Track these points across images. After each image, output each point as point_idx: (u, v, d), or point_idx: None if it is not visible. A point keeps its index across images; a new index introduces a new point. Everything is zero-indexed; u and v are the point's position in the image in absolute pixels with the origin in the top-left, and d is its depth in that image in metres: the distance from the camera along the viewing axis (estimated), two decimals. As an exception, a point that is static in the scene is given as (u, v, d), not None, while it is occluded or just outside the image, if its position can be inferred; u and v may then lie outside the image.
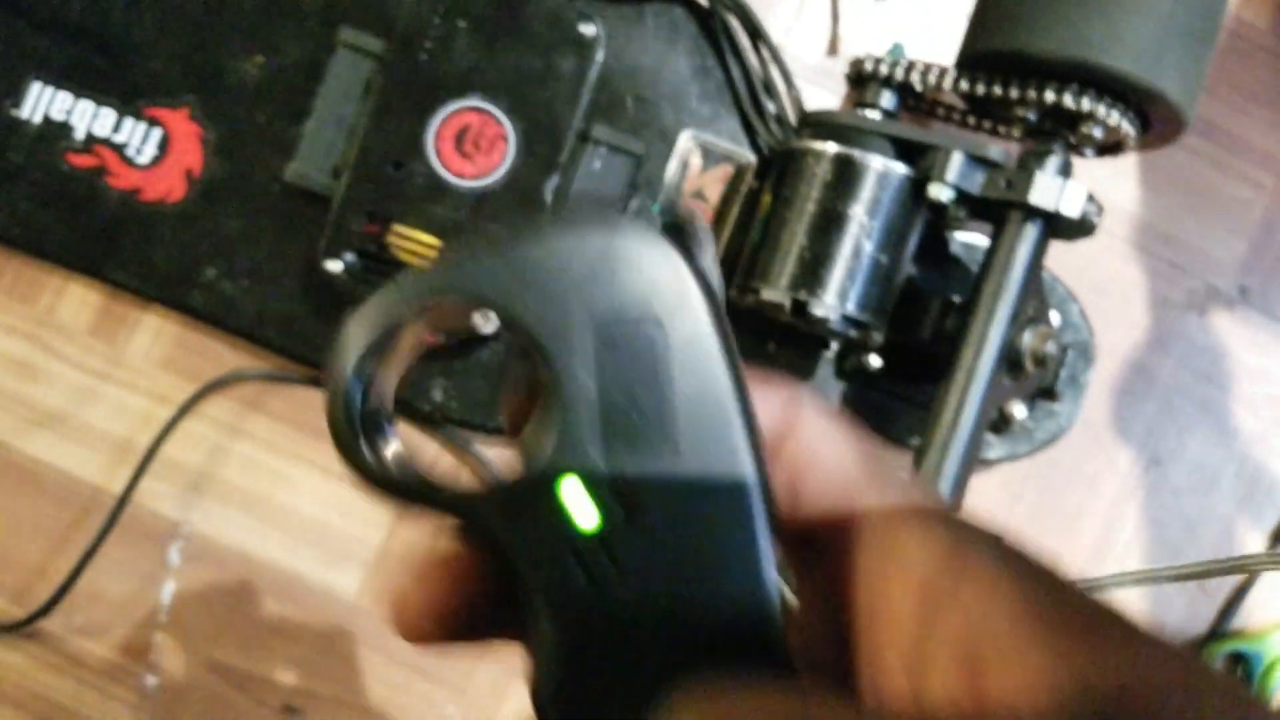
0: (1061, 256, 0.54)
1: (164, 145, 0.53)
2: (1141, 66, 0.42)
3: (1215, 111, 0.56)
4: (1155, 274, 0.55)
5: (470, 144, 0.50)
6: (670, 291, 0.17)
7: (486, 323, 0.49)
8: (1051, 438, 0.53)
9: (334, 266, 0.49)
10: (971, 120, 0.51)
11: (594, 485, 0.16)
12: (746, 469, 0.16)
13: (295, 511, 0.54)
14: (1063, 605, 0.13)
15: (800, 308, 0.47)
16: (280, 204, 0.52)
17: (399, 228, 0.50)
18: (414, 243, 0.50)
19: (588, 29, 0.50)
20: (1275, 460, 0.55)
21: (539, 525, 0.16)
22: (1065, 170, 0.46)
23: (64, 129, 0.53)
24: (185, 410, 0.54)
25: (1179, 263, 0.56)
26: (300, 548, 0.54)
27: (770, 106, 0.53)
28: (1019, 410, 0.51)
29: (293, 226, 0.52)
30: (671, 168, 0.53)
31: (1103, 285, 0.55)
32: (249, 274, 0.52)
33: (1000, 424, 0.52)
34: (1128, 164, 0.56)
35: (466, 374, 0.53)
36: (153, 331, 0.54)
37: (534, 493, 0.16)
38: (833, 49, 0.55)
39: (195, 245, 0.52)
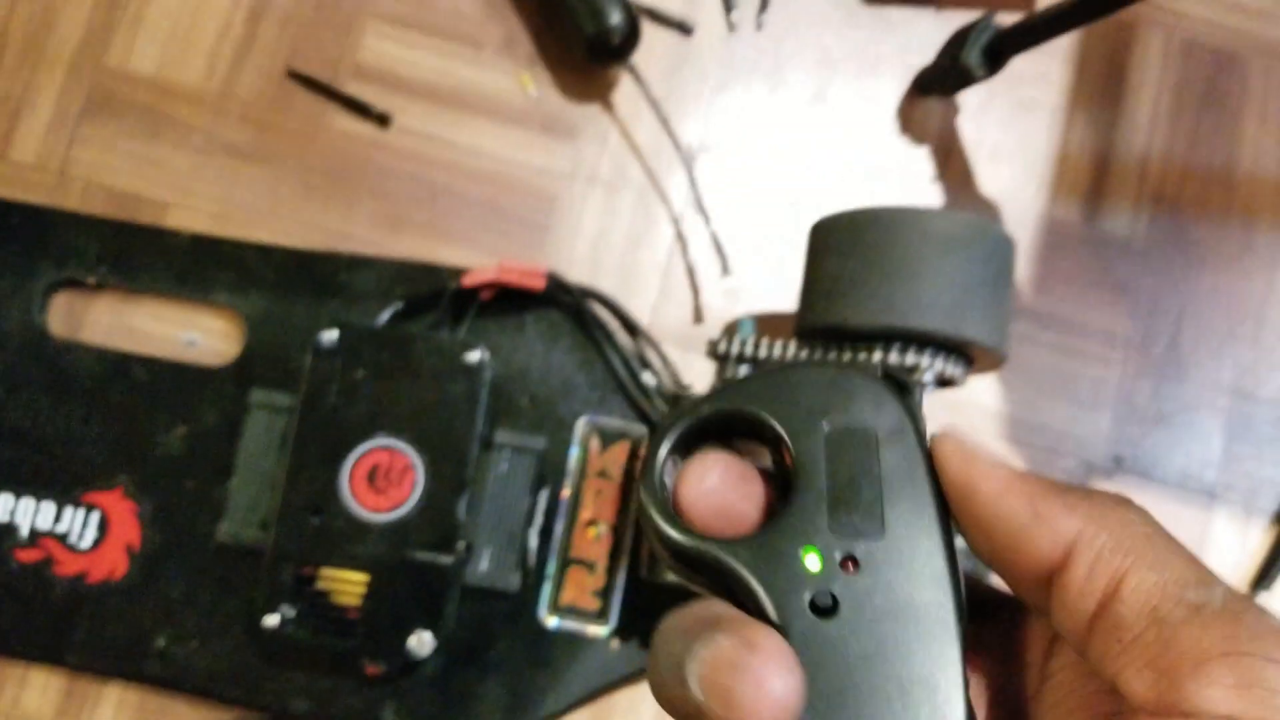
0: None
1: (103, 526, 0.56)
2: (946, 323, 0.47)
3: (1053, 305, 0.62)
4: (1034, 462, 0.60)
5: (382, 479, 0.54)
6: (887, 417, 0.22)
7: (421, 646, 0.52)
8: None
9: (272, 621, 0.52)
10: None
11: (822, 544, 0.21)
12: (943, 562, 0.21)
13: None
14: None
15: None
16: (217, 563, 0.56)
17: (327, 571, 0.53)
18: (345, 583, 0.53)
19: (472, 356, 0.54)
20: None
21: (781, 571, 0.21)
22: (916, 413, 0.50)
23: (9, 529, 0.56)
24: (155, 774, 0.55)
25: (1052, 447, 0.60)
26: None
27: (650, 381, 0.58)
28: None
29: (232, 583, 0.55)
30: (573, 454, 0.58)
31: (989, 481, 0.59)
32: (197, 635, 0.55)
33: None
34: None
35: (415, 691, 0.55)
36: (114, 704, 0.56)
37: (778, 546, 0.21)
38: (697, 317, 0.60)
39: (143, 617, 0.55)
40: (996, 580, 0.22)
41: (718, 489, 0.21)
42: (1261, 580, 0.59)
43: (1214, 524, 0.60)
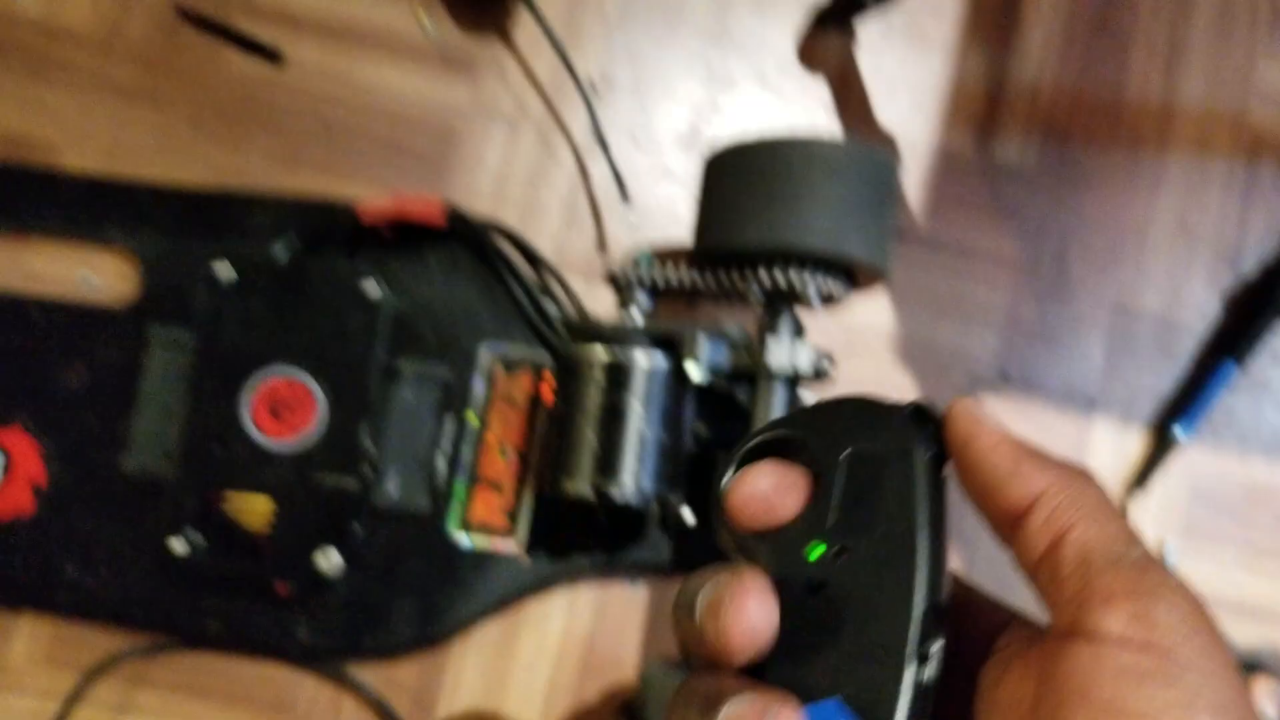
0: (840, 380, 0.61)
1: (6, 465, 0.57)
2: (828, 242, 0.49)
3: (945, 231, 0.64)
4: (924, 378, 0.62)
5: (283, 409, 0.55)
6: (898, 446, 0.26)
7: (329, 565, 0.54)
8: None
9: (178, 546, 0.54)
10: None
11: (825, 537, 0.26)
12: (915, 556, 0.25)
13: (195, 772, 0.57)
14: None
15: (602, 496, 0.52)
16: (124, 495, 0.57)
17: (232, 495, 0.54)
18: (251, 508, 0.54)
19: (369, 287, 0.55)
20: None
21: (789, 555, 0.26)
22: (797, 330, 0.52)
23: (-87, 467, 0.57)
24: (73, 701, 0.57)
25: (942, 364, 0.63)
26: (206, 805, 0.57)
27: (553, 310, 0.59)
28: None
29: (139, 514, 0.56)
30: (478, 382, 0.59)
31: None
32: (107, 564, 0.56)
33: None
34: (880, 291, 0.63)
35: (327, 609, 0.57)
36: (28, 634, 0.57)
37: (792, 541, 0.27)
38: (601, 246, 0.62)
39: (52, 550, 0.56)
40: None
41: (763, 492, 0.27)
42: (1138, 483, 0.63)
43: (1094, 432, 0.63)
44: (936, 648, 0.25)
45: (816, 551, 0.26)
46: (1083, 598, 0.23)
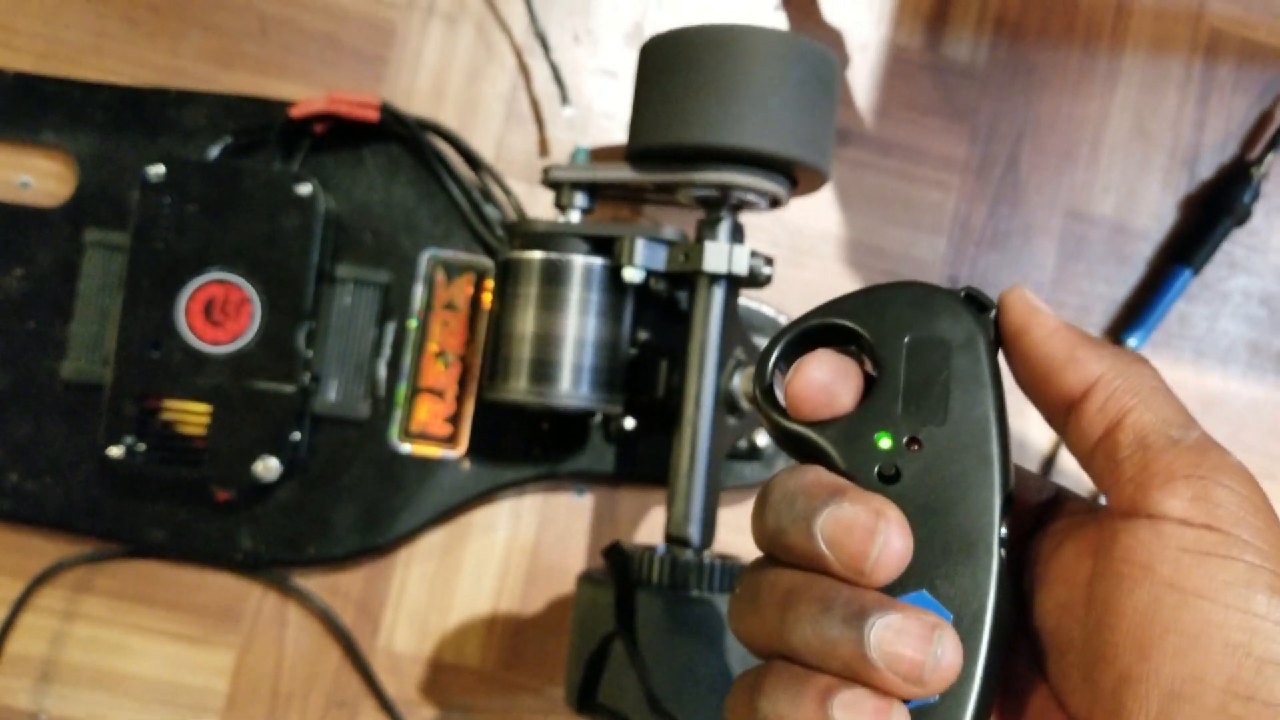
0: (787, 286, 0.60)
1: (-57, 371, 0.56)
2: (768, 142, 0.48)
3: (892, 130, 0.63)
4: (872, 284, 0.62)
5: (219, 312, 0.54)
6: (961, 330, 0.26)
7: (267, 471, 0.53)
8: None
9: (116, 451, 0.53)
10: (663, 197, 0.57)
11: (893, 427, 0.26)
12: (992, 445, 0.25)
13: (142, 678, 0.58)
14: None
15: (541, 402, 0.52)
16: (64, 401, 0.56)
17: (170, 402, 0.54)
18: (189, 414, 0.54)
19: (303, 188, 0.54)
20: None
21: (857, 445, 0.26)
22: (737, 233, 0.51)
23: None
24: (18, 607, 0.57)
25: (890, 270, 0.62)
26: (155, 710, 0.57)
27: (494, 214, 0.58)
28: (763, 439, 0.57)
29: (79, 419, 0.56)
30: (418, 288, 0.58)
31: (829, 305, 0.61)
32: (48, 471, 0.56)
33: (753, 453, 0.57)
34: (827, 195, 0.62)
35: (270, 517, 0.57)
36: (-28, 541, 0.57)
37: (858, 430, 0.26)
38: (543, 150, 0.60)
39: (-9, 456, 0.56)
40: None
41: (825, 381, 0.26)
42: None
43: (1041, 340, 0.63)
44: (1006, 533, 0.25)
45: (885, 441, 0.26)
46: (1142, 479, 0.24)
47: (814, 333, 0.27)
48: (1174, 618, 0.22)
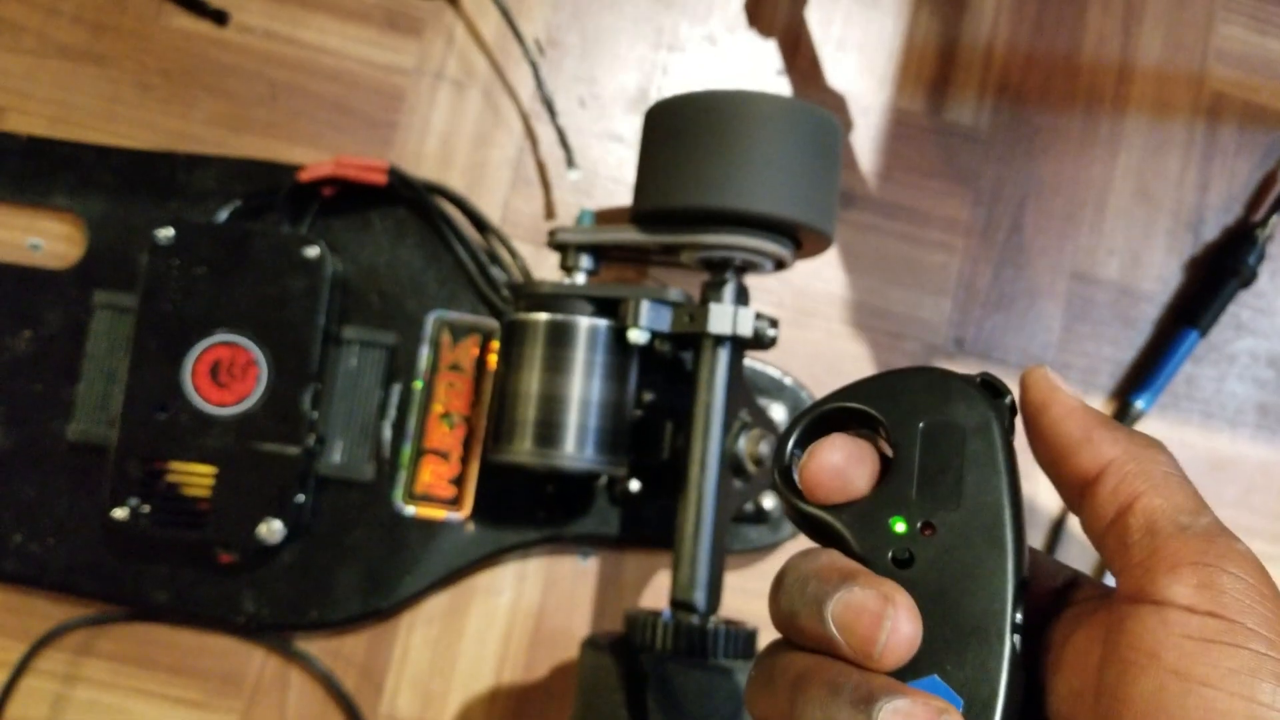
0: (792, 348, 0.60)
1: (-50, 432, 0.56)
2: (772, 205, 0.49)
3: (896, 193, 0.63)
4: (877, 346, 0.62)
5: (225, 374, 0.54)
6: (976, 416, 0.26)
7: (271, 533, 0.53)
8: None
9: (120, 513, 0.53)
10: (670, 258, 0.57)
11: (907, 512, 0.26)
12: (1006, 531, 0.26)
13: (141, 741, 0.57)
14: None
15: (545, 463, 0.52)
16: (69, 462, 0.56)
17: (175, 464, 0.54)
18: (194, 476, 0.54)
19: (311, 251, 0.55)
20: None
21: (871, 529, 0.26)
22: (741, 296, 0.52)
23: None
24: (20, 670, 0.57)
25: (896, 331, 0.62)
26: (153, 774, 0.57)
27: (500, 275, 0.59)
28: (769, 502, 0.56)
29: (85, 481, 0.56)
30: (424, 350, 0.58)
31: (834, 366, 0.61)
32: (53, 533, 0.56)
33: (759, 516, 0.57)
34: (832, 256, 0.62)
35: (273, 580, 0.57)
36: (-26, 603, 0.57)
37: (872, 513, 0.26)
38: (549, 212, 0.61)
39: (-4, 518, 0.56)
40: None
41: (838, 465, 0.27)
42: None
43: (1048, 401, 0.62)
44: (1021, 618, 0.25)
45: (900, 525, 0.26)
46: (1149, 564, 0.24)
47: (831, 416, 0.28)
48: (1179, 706, 0.22)
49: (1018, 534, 0.26)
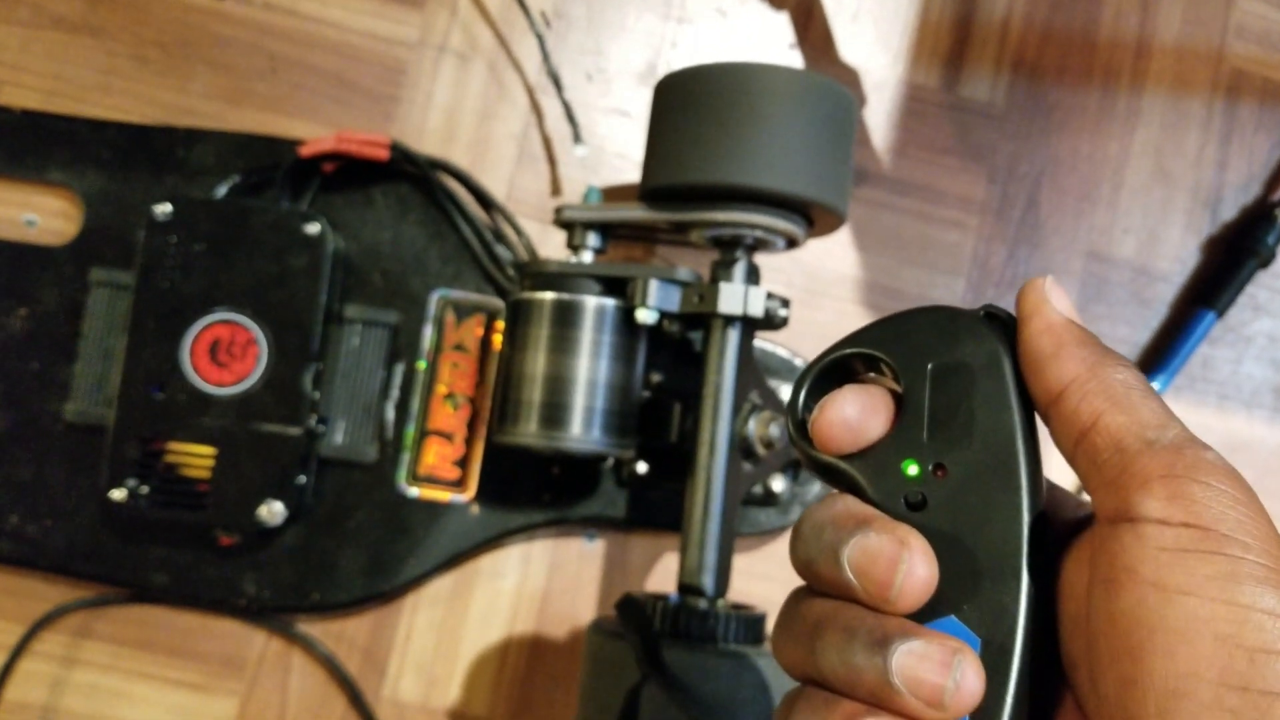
0: (802, 328, 0.59)
1: (-54, 412, 0.55)
2: (785, 182, 0.47)
3: (909, 170, 0.62)
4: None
5: (224, 353, 0.53)
6: (984, 353, 0.26)
7: (271, 515, 0.52)
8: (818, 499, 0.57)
9: (118, 494, 0.52)
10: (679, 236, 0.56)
11: (919, 454, 0.26)
12: (1019, 467, 0.25)
13: (142, 725, 0.56)
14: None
15: (552, 446, 0.51)
16: (67, 442, 0.55)
17: (174, 445, 0.53)
18: (193, 456, 0.53)
19: (312, 228, 0.54)
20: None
21: (884, 474, 0.26)
22: (752, 275, 0.50)
23: None
24: (18, 653, 0.56)
25: (908, 312, 0.61)
26: (154, 758, 0.56)
27: (506, 254, 0.58)
28: (779, 484, 0.55)
29: (82, 461, 0.55)
30: (427, 329, 0.57)
31: (845, 347, 0.60)
32: (50, 513, 0.55)
33: (768, 498, 0.56)
34: (844, 235, 0.61)
35: (274, 562, 0.56)
36: (-29, 585, 0.56)
37: (885, 459, 0.26)
38: (555, 189, 0.60)
39: (-8, 499, 0.55)
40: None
41: (849, 417, 0.26)
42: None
43: (1062, 383, 0.61)
44: (1039, 557, 0.25)
45: (912, 468, 0.26)
46: (1121, 482, 0.24)
47: (842, 362, 0.27)
48: (1160, 617, 0.22)
49: (1032, 469, 0.25)
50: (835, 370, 0.28)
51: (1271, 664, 0.21)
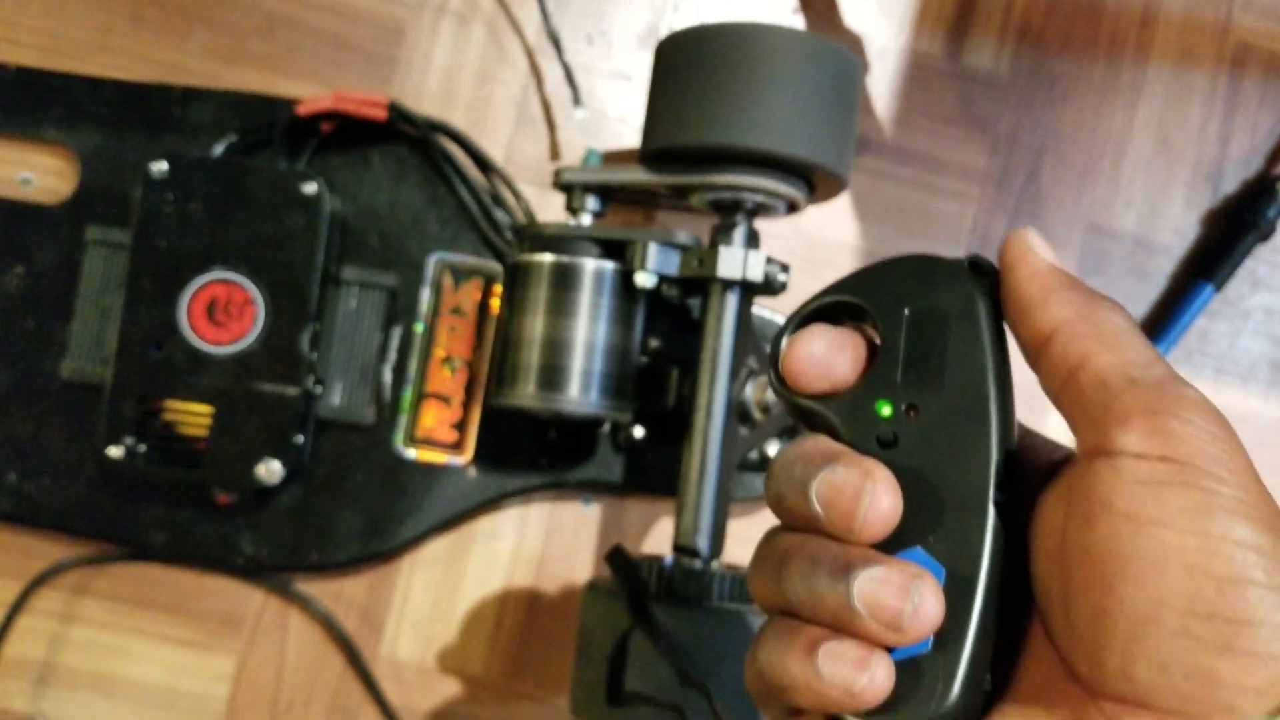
0: (801, 297, 0.59)
1: (-57, 368, 0.55)
2: (787, 145, 0.47)
3: (911, 139, 0.61)
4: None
5: (221, 313, 0.53)
6: (960, 299, 0.26)
7: (269, 474, 0.52)
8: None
9: (116, 452, 0.52)
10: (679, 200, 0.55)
11: (893, 395, 0.26)
12: (989, 407, 0.26)
13: (141, 682, 0.57)
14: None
15: (549, 409, 0.51)
16: (64, 400, 0.55)
17: (171, 403, 0.53)
18: (191, 415, 0.53)
19: (309, 187, 0.53)
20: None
21: (858, 415, 0.27)
22: (752, 239, 0.50)
23: None
24: (16, 610, 0.56)
25: (907, 281, 0.61)
26: (154, 715, 0.56)
27: (504, 218, 0.57)
28: (774, 450, 0.55)
29: (80, 419, 0.55)
30: (425, 293, 0.57)
31: (843, 316, 0.60)
32: (48, 471, 0.55)
33: (764, 464, 0.56)
34: (844, 203, 0.61)
35: (272, 522, 0.56)
36: (-31, 542, 0.56)
37: (859, 401, 0.27)
38: (554, 153, 0.59)
39: (-10, 456, 0.55)
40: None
41: (818, 355, 0.27)
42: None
43: (1059, 354, 0.61)
44: (1008, 494, 0.25)
45: (885, 409, 0.26)
46: (1102, 419, 0.24)
47: (824, 310, 0.28)
48: (1132, 547, 0.23)
49: (1003, 410, 0.26)
50: (818, 319, 0.28)
51: (1239, 593, 0.22)
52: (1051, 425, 0.31)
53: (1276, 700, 0.22)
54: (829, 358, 0.27)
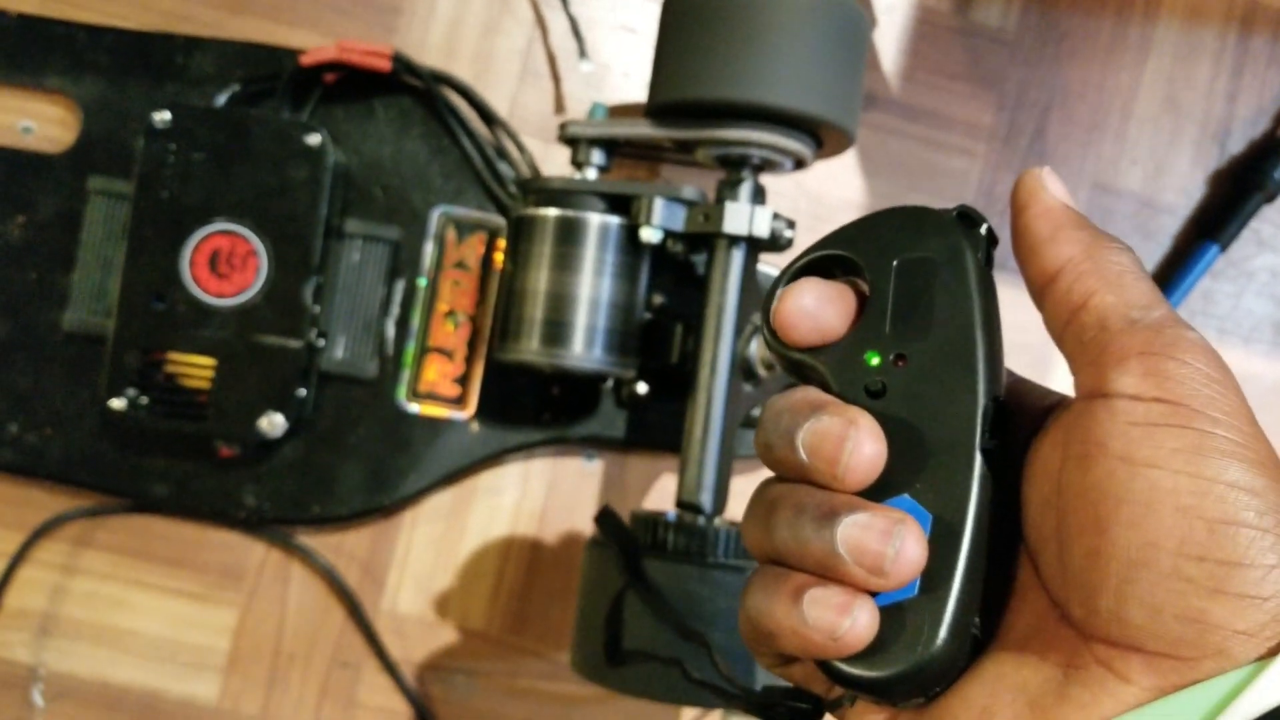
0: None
1: (-57, 319, 0.55)
2: (794, 99, 0.47)
3: (917, 95, 0.61)
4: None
5: (224, 264, 0.53)
6: (947, 249, 0.26)
7: (272, 427, 0.52)
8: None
9: (118, 404, 0.52)
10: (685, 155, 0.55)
11: (881, 345, 0.26)
12: (975, 354, 0.26)
13: (143, 634, 0.57)
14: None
15: (553, 363, 0.51)
16: (66, 352, 0.55)
17: (174, 355, 0.53)
18: (193, 367, 0.53)
19: (312, 139, 0.53)
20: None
21: (847, 366, 0.27)
22: (758, 195, 0.50)
23: None
24: (18, 560, 0.56)
25: (912, 239, 0.61)
26: (155, 666, 0.57)
27: (508, 171, 0.57)
28: (778, 407, 0.55)
29: (82, 371, 0.55)
30: (428, 246, 0.57)
31: (847, 273, 0.60)
32: (50, 422, 0.55)
33: (767, 422, 0.56)
34: (849, 160, 0.60)
35: (274, 475, 0.56)
36: (-29, 492, 0.56)
37: (848, 352, 0.27)
38: (559, 107, 0.59)
39: (-8, 407, 0.55)
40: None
41: (807, 307, 0.27)
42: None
43: (1063, 314, 0.61)
44: (997, 441, 0.26)
45: (874, 359, 0.26)
46: (1100, 360, 0.24)
47: (816, 265, 0.28)
48: (1126, 489, 0.23)
49: (990, 357, 0.26)
50: (811, 273, 0.28)
51: (1230, 534, 0.22)
52: (1056, 383, 0.31)
53: (1267, 643, 0.21)
54: (819, 310, 0.27)
